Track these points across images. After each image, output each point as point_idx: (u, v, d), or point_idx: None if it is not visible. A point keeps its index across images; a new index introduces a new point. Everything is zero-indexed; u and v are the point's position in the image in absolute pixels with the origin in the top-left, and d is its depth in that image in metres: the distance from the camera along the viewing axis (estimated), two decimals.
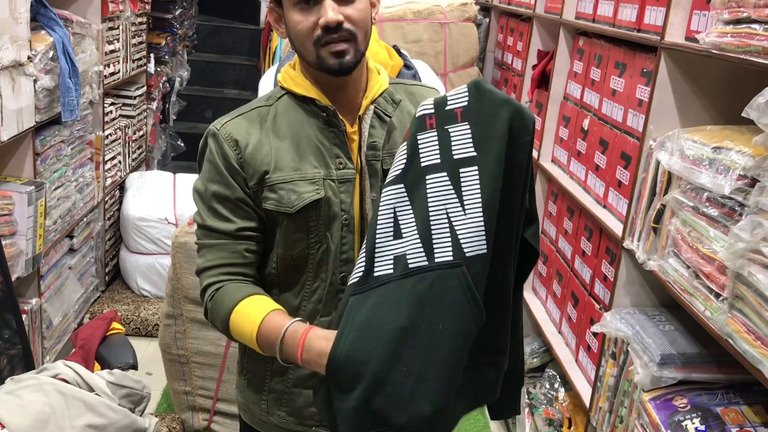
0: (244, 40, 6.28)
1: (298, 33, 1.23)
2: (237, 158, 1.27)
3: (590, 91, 2.47)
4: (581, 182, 2.48)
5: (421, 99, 1.35)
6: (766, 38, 1.39)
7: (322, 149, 1.28)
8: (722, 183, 1.44)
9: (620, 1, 2.21)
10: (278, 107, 1.31)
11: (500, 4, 3.80)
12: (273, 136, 1.28)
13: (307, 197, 1.26)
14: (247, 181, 1.27)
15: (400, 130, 1.33)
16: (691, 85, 1.86)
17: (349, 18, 1.21)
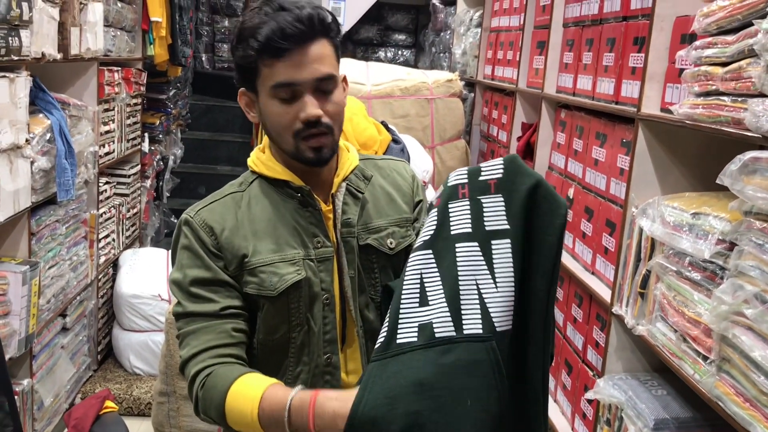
0: (236, 118, 6.42)
1: (278, 124, 1.23)
2: (213, 244, 1.25)
3: (574, 161, 2.55)
4: (569, 250, 2.52)
5: (390, 172, 1.40)
6: (734, 109, 1.46)
7: (299, 229, 1.28)
8: (702, 248, 1.49)
9: (598, 76, 2.32)
10: (251, 192, 1.30)
11: (484, 80, 3.94)
12: (248, 220, 1.27)
13: (289, 278, 1.24)
14: (228, 265, 1.25)
15: (372, 204, 1.35)
16: (669, 153, 1.93)
17: (328, 112, 1.23)
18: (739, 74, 1.45)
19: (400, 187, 1.40)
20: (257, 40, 1.19)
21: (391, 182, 1.40)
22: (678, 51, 1.76)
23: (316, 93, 1.22)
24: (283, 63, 1.19)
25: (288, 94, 1.21)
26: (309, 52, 1.20)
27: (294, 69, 1.19)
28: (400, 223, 1.36)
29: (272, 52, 1.19)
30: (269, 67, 1.20)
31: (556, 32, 2.73)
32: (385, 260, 1.33)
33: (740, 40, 1.45)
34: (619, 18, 2.18)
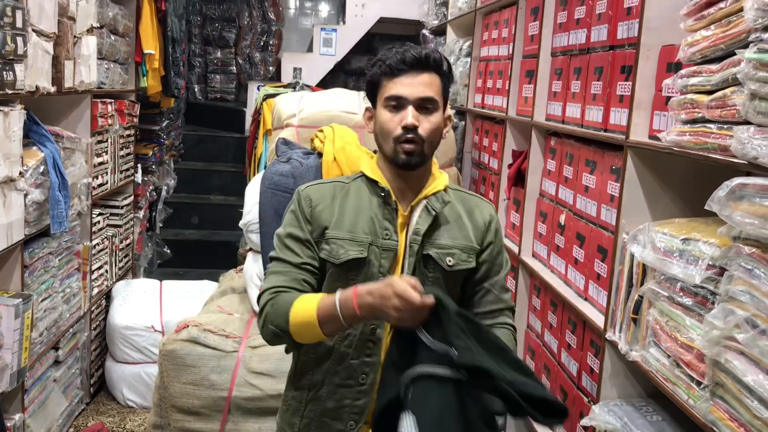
0: (229, 147, 6.44)
1: (385, 128, 1.53)
2: (308, 212, 1.58)
3: (564, 188, 2.57)
4: (562, 276, 2.53)
5: (472, 206, 1.65)
6: (720, 136, 1.49)
7: (375, 221, 1.56)
8: (693, 273, 1.50)
9: (587, 104, 2.35)
10: (353, 185, 1.61)
11: (474, 108, 3.98)
12: (340, 203, 1.58)
13: (351, 254, 1.53)
14: (313, 231, 1.57)
15: (445, 224, 1.59)
16: (658, 180, 1.95)
17: (423, 127, 1.51)
18: (724, 102, 1.47)
19: (475, 221, 1.63)
20: (384, 62, 1.53)
21: (469, 214, 1.64)
22: (664, 79, 1.80)
23: (418, 109, 1.51)
24: (398, 80, 1.52)
25: (396, 104, 1.51)
26: (420, 76, 1.52)
27: (405, 86, 1.51)
28: (464, 248, 1.60)
29: (392, 71, 1.52)
30: (387, 83, 1.53)
31: (545, 61, 2.77)
32: (440, 273, 1.57)
33: (724, 68, 1.48)
34: (606, 47, 2.22)
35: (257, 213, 2.76)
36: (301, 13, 7.43)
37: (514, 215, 3.15)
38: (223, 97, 7.32)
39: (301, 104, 3.54)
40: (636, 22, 1.96)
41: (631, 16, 2.05)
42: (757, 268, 1.32)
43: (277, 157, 2.98)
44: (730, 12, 1.48)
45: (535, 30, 2.90)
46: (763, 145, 1.29)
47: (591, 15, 2.33)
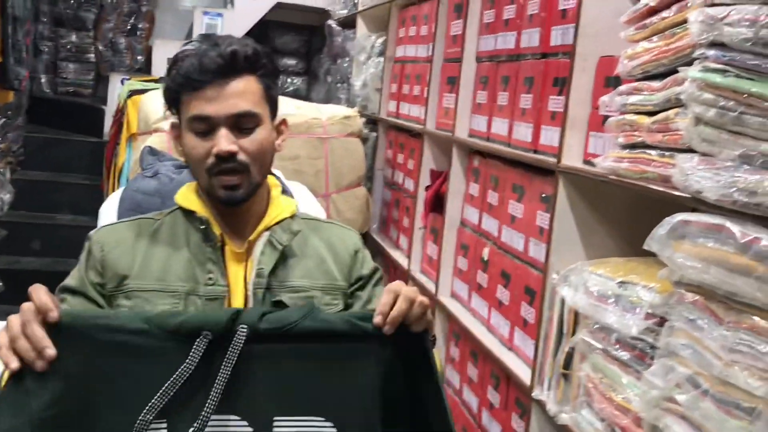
0: (82, 154, 6.23)
1: (193, 158, 1.43)
2: (100, 258, 1.43)
3: (488, 217, 2.63)
4: (484, 321, 2.58)
5: (331, 236, 1.55)
6: (662, 165, 1.56)
7: (193, 262, 1.44)
8: (630, 323, 1.56)
9: (515, 120, 2.42)
10: (165, 220, 1.50)
11: (388, 118, 4.03)
12: (147, 244, 1.46)
13: (161, 309, 1.38)
14: (105, 283, 1.42)
15: (297, 261, 1.48)
16: (593, 211, 2.03)
17: (244, 149, 1.41)
18: (666, 125, 1.55)
19: (337, 254, 1.54)
20: (179, 73, 1.41)
21: (328, 246, 1.54)
22: (602, 95, 1.87)
23: (233, 129, 1.40)
24: (200, 96, 1.39)
25: (203, 127, 1.40)
26: (228, 87, 1.40)
27: (209, 103, 1.39)
28: (326, 288, 1.50)
29: (190, 85, 1.40)
30: (188, 100, 1.41)
31: (469, 67, 2.84)
32: None
33: (667, 87, 1.56)
34: (537, 55, 2.30)
35: None
36: None
37: (431, 247, 3.19)
38: (77, 91, 7.09)
39: None
40: (572, 27, 2.04)
41: (567, 19, 2.13)
42: (700, 318, 1.38)
43: (142, 171, 2.90)
44: (674, 22, 1.56)
45: (458, 30, 2.97)
46: (707, 178, 1.36)
47: (521, 16, 2.42)
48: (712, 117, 1.36)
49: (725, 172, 1.33)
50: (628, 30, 1.73)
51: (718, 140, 1.36)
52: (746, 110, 1.29)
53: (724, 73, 1.34)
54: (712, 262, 1.33)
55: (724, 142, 1.35)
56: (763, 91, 1.25)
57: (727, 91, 1.33)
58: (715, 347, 1.34)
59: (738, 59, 1.30)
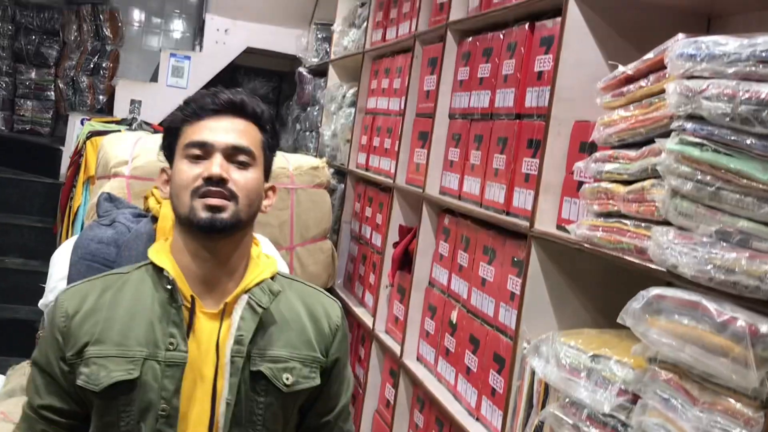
0: (36, 196, 6.15)
1: (179, 182, 1.42)
2: (62, 327, 1.42)
3: (458, 278, 2.62)
4: (451, 387, 2.55)
5: (315, 303, 1.54)
6: (637, 236, 1.57)
7: (155, 325, 1.41)
8: (602, 399, 1.55)
9: (487, 180, 2.43)
10: (131, 276, 1.47)
11: (357, 170, 4.03)
12: (109, 306, 1.43)
13: (115, 376, 1.37)
14: (66, 353, 1.42)
15: (278, 327, 1.47)
16: (566, 279, 2.03)
17: (236, 182, 1.41)
18: (642, 196, 1.56)
19: (319, 324, 1.53)
20: (188, 105, 1.46)
21: (311, 314, 1.53)
22: (576, 161, 1.89)
23: (229, 159, 1.42)
24: (203, 125, 1.44)
25: (198, 153, 1.42)
26: (232, 121, 1.45)
27: (211, 131, 1.43)
28: (305, 360, 1.49)
29: (196, 114, 1.44)
30: (189, 129, 1.44)
31: (441, 123, 2.86)
32: (275, 396, 1.45)
33: (644, 156, 1.57)
34: (512, 115, 2.32)
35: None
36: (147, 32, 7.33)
37: (397, 306, 3.17)
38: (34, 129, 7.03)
39: (136, 148, 3.46)
40: (547, 89, 2.07)
41: (542, 82, 2.16)
42: (674, 398, 1.38)
43: (99, 218, 2.86)
44: (651, 92, 1.59)
45: (431, 85, 3.00)
46: (683, 253, 1.37)
47: (496, 75, 2.44)
48: (689, 190, 1.38)
49: (702, 247, 1.34)
50: (605, 97, 1.75)
51: (695, 214, 1.37)
52: (724, 186, 1.30)
53: (701, 146, 1.35)
54: (687, 340, 1.33)
55: (701, 217, 1.36)
56: (741, 167, 1.26)
57: (704, 165, 1.34)
58: (689, 428, 1.33)
59: (716, 134, 1.32)
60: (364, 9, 4.36)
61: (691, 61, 1.39)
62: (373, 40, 4.05)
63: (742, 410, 1.24)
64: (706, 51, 1.36)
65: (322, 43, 5.28)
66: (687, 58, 1.40)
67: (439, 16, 3.01)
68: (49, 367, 1.44)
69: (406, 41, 3.38)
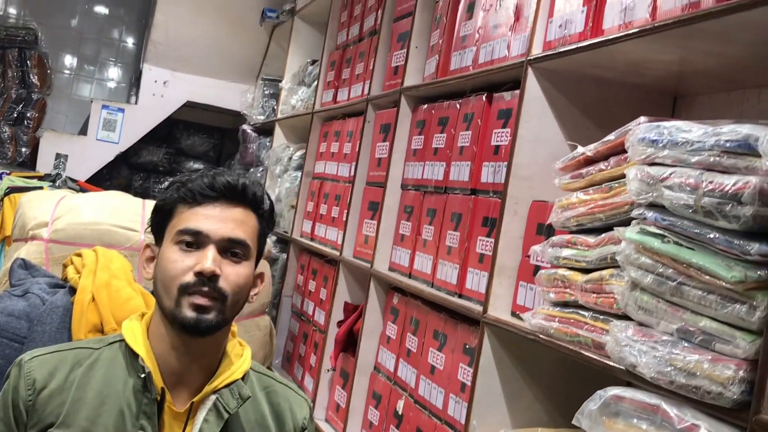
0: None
1: (168, 272, 1.44)
2: (27, 400, 1.44)
3: (406, 364, 2.60)
4: None
5: (283, 403, 1.58)
6: (595, 329, 1.58)
7: (126, 414, 1.43)
8: None
9: (440, 257, 2.44)
10: (104, 353, 1.50)
11: (301, 238, 4.02)
12: (78, 385, 1.45)
13: None
14: (27, 429, 1.42)
15: (243, 430, 1.50)
16: (521, 370, 2.02)
17: (227, 279, 1.44)
18: (600, 286, 1.58)
19: (284, 427, 1.57)
20: (185, 185, 1.48)
21: (276, 416, 1.57)
22: (533, 243, 1.91)
23: (223, 253, 1.45)
24: (198, 211, 1.46)
25: (190, 241, 1.45)
26: (230, 211, 1.48)
27: (206, 219, 1.46)
28: None
29: (194, 197, 1.46)
30: (184, 212, 1.47)
31: (393, 194, 2.88)
32: None
33: (602, 244, 1.59)
34: (467, 190, 2.34)
35: None
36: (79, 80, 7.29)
37: (339, 392, 3.13)
38: None
39: (59, 209, 3.40)
40: (504, 165, 2.10)
41: (499, 157, 2.19)
42: None
43: (11, 287, 2.80)
44: (611, 176, 1.61)
45: (383, 152, 3.02)
46: (643, 352, 1.38)
47: (452, 146, 2.47)
48: (650, 284, 1.39)
49: (662, 347, 1.35)
50: (564, 177, 1.78)
51: (656, 310, 1.39)
52: (686, 281, 1.32)
53: (663, 238, 1.38)
54: None
55: (662, 313, 1.37)
56: (704, 263, 1.28)
57: (665, 258, 1.36)
58: None
59: (678, 225, 1.34)
60: (315, 67, 4.42)
61: (653, 147, 1.42)
62: (323, 100, 4.09)
63: None
64: (669, 137, 1.40)
65: (269, 100, 5.32)
66: (649, 144, 1.43)
67: (394, 80, 3.05)
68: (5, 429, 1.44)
69: (359, 104, 3.42)
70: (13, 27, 6.83)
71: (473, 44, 2.44)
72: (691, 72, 1.87)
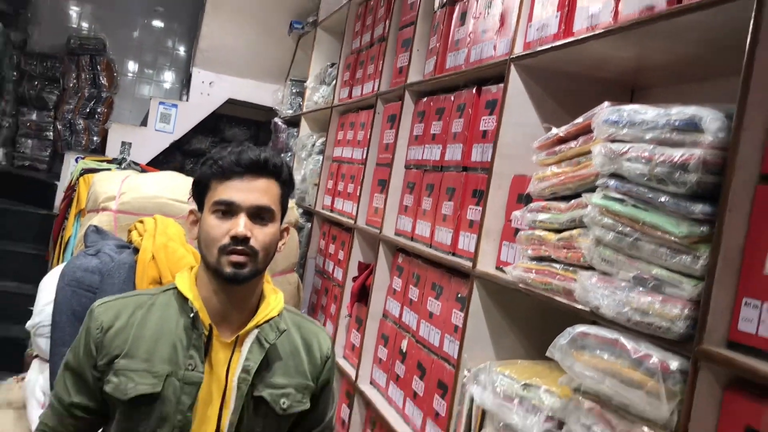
0: (32, 225, 6.02)
1: (210, 236, 1.46)
2: (97, 338, 1.48)
3: (409, 311, 2.60)
4: (399, 410, 2.52)
5: (310, 337, 1.61)
6: (565, 278, 1.57)
7: (178, 347, 1.47)
8: (531, 424, 1.54)
9: (437, 224, 2.43)
10: (159, 299, 1.53)
11: (323, 210, 4.01)
12: (139, 324, 1.49)
13: (140, 389, 1.44)
14: (98, 361, 1.48)
15: (279, 359, 1.54)
16: (504, 315, 2.02)
17: (256, 238, 1.46)
18: (570, 243, 1.57)
19: (313, 356, 1.60)
20: (216, 162, 1.49)
21: (307, 347, 1.60)
22: (514, 210, 1.89)
23: (252, 218, 1.47)
24: (230, 184, 1.48)
25: (226, 209, 1.47)
26: (255, 182, 1.49)
27: (238, 191, 1.47)
28: (299, 387, 1.56)
29: (224, 173, 1.48)
30: (218, 186, 1.48)
31: (398, 173, 2.86)
32: (272, 418, 1.52)
33: (572, 209, 1.58)
34: (459, 168, 2.33)
35: (50, 313, 2.55)
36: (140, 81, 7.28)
37: (354, 335, 3.14)
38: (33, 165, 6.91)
39: (124, 185, 3.40)
40: (490, 146, 2.08)
41: (486, 139, 2.17)
42: (595, 425, 1.37)
43: (85, 248, 2.80)
44: (580, 152, 1.60)
45: (390, 138, 3.00)
46: (605, 295, 1.37)
47: (447, 132, 2.45)
48: (611, 240, 1.38)
49: (621, 291, 1.34)
50: (540, 154, 1.76)
51: (616, 262, 1.38)
52: (641, 237, 1.31)
53: (622, 202, 1.37)
54: (607, 374, 1.33)
55: (621, 264, 1.37)
56: (656, 221, 1.27)
57: (624, 219, 1.35)
58: None
59: (635, 191, 1.33)
60: (333, 69, 4.39)
61: (615, 127, 1.41)
62: (340, 96, 4.06)
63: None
64: (628, 118, 1.38)
65: (296, 98, 5.29)
66: (611, 124, 1.42)
67: (399, 78, 3.03)
68: (80, 370, 1.49)
69: (370, 99, 3.39)
70: (85, 37, 6.82)
71: (465, 46, 2.41)
72: (647, 67, 1.85)
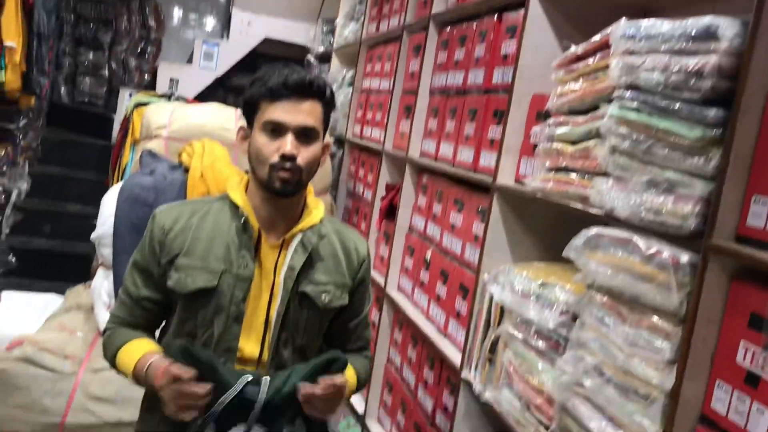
0: (92, 155, 6.06)
1: (262, 154, 1.45)
2: (160, 238, 1.51)
3: (433, 225, 2.58)
4: (424, 311, 2.52)
5: (348, 242, 1.62)
6: (581, 186, 1.53)
7: (231, 248, 1.49)
8: (547, 317, 1.52)
9: (459, 144, 2.38)
10: (213, 206, 1.54)
11: (353, 138, 3.96)
12: (196, 227, 1.51)
13: (199, 283, 1.46)
14: (161, 259, 1.50)
15: (321, 259, 1.55)
16: (521, 223, 1.99)
17: (302, 156, 1.45)
18: (586, 153, 1.52)
19: (350, 258, 1.60)
20: (265, 84, 1.46)
21: (345, 250, 1.60)
22: (533, 126, 1.84)
23: (298, 137, 1.45)
24: (279, 105, 1.44)
25: (275, 130, 1.44)
26: (301, 103, 1.45)
27: (286, 113, 1.44)
28: (338, 284, 1.57)
29: (272, 94, 1.45)
30: (267, 107, 1.45)
31: (423, 99, 2.80)
32: (314, 311, 1.53)
33: (589, 121, 1.53)
34: (481, 91, 2.26)
35: (111, 225, 2.57)
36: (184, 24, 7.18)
37: (383, 248, 3.13)
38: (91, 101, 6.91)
39: (173, 115, 3.37)
40: (511, 68, 2.01)
41: (507, 62, 2.10)
42: (607, 316, 1.35)
43: (141, 169, 2.80)
44: (597, 68, 1.53)
45: (415, 67, 2.92)
46: (619, 198, 1.33)
47: (469, 58, 2.38)
48: (626, 148, 1.34)
49: (635, 194, 1.30)
50: (558, 73, 1.70)
51: (630, 167, 1.33)
52: (655, 143, 1.26)
53: (637, 111, 1.31)
54: (620, 270, 1.30)
55: (635, 169, 1.32)
56: (670, 127, 1.22)
57: (639, 127, 1.30)
58: (619, 342, 1.31)
59: (650, 100, 1.28)
60: (362, 5, 4.26)
61: (632, 41, 1.34)
62: (368, 31, 3.96)
63: (664, 326, 1.22)
64: (645, 32, 1.31)
65: (327, 35, 5.17)
66: (628, 38, 1.35)
67: (424, 10, 2.93)
68: (147, 267, 1.52)
69: (396, 32, 3.29)
70: None
71: None
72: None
